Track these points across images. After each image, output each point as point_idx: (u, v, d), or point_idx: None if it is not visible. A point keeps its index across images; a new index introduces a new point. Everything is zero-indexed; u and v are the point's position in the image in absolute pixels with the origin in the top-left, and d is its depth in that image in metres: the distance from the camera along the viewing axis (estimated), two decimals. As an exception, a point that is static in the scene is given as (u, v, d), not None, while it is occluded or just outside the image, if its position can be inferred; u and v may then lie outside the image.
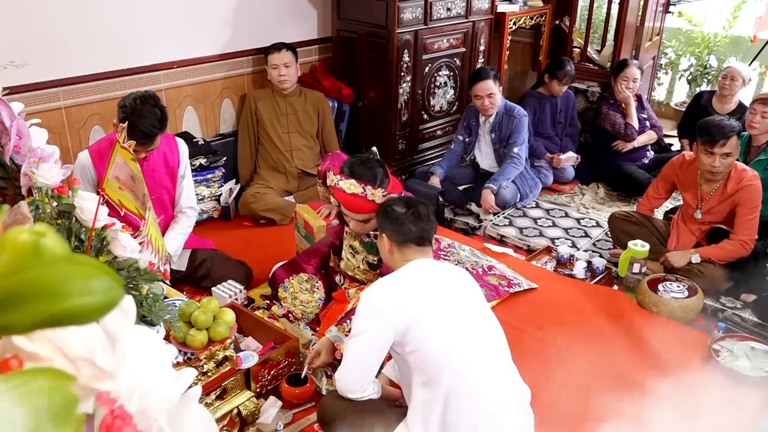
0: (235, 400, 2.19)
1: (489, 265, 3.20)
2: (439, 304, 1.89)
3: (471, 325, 1.91)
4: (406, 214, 2.02)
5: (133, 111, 2.54)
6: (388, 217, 2.05)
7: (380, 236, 2.09)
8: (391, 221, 2.03)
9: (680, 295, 2.91)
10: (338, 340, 2.30)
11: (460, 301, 1.94)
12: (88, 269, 0.40)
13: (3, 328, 0.39)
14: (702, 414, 2.28)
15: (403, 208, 2.05)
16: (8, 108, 1.55)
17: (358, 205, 2.40)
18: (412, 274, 1.96)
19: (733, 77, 4.17)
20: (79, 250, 1.46)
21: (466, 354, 1.84)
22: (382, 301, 1.87)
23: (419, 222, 2.01)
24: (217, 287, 2.85)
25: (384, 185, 2.40)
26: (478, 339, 1.89)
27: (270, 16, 3.98)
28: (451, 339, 1.84)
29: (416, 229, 2.00)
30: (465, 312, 1.92)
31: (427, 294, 1.90)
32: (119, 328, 0.50)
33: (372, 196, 2.36)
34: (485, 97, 3.84)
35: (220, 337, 2.07)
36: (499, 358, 1.92)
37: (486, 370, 1.86)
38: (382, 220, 2.07)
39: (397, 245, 2.03)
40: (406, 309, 1.84)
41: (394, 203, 2.10)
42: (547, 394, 2.31)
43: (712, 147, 2.94)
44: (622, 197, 4.24)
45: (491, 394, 1.84)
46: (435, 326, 1.84)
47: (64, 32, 3.14)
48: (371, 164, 2.42)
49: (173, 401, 0.52)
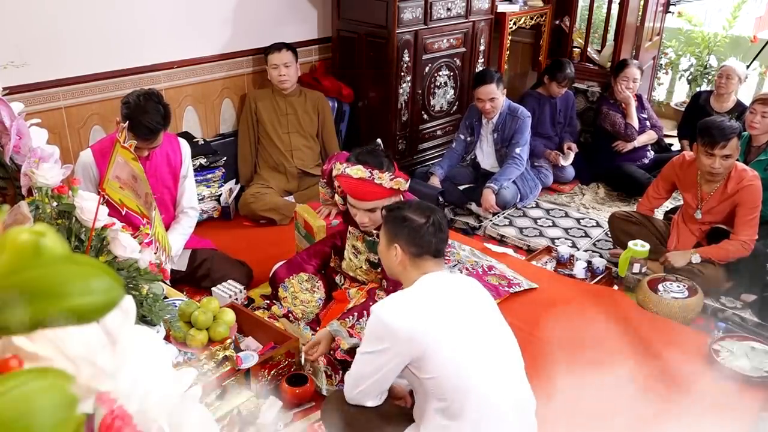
0: (235, 400, 2.19)
1: (489, 265, 3.20)
2: (458, 327, 1.76)
3: (491, 347, 1.79)
4: (425, 225, 1.84)
5: (136, 107, 2.54)
6: (404, 226, 1.86)
7: (390, 246, 1.89)
8: (409, 232, 1.85)
9: (680, 295, 2.91)
10: (338, 334, 2.28)
11: (478, 320, 1.82)
12: (88, 269, 0.40)
13: (3, 328, 0.39)
14: (702, 414, 2.29)
15: (422, 217, 1.86)
16: (8, 108, 1.55)
17: (365, 191, 2.36)
18: (429, 293, 1.80)
19: (728, 75, 4.18)
20: (79, 250, 1.46)
21: (491, 382, 1.74)
22: (396, 323, 1.71)
23: (439, 233, 1.86)
24: (217, 287, 2.85)
25: (390, 171, 2.39)
26: (498, 361, 1.79)
27: (270, 16, 3.98)
28: (473, 367, 1.73)
29: (436, 240, 1.85)
30: (484, 333, 1.80)
31: (445, 316, 1.76)
32: (119, 328, 0.50)
33: (379, 180, 2.34)
34: (487, 101, 3.84)
35: (220, 337, 2.07)
36: (517, 376, 1.84)
37: (508, 393, 1.78)
38: (397, 230, 1.87)
39: (412, 257, 1.85)
40: (423, 334, 1.70)
41: (409, 211, 1.89)
42: (547, 394, 2.31)
43: (713, 148, 2.94)
44: (622, 197, 4.24)
45: (513, 416, 1.77)
46: (455, 353, 1.72)
47: (64, 32, 3.14)
48: (377, 153, 2.43)
49: (173, 401, 0.52)
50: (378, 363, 1.77)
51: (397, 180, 2.36)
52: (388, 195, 2.38)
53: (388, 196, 2.38)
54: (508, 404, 1.76)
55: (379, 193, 2.36)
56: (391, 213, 1.94)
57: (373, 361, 1.78)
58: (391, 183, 2.35)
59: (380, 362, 1.77)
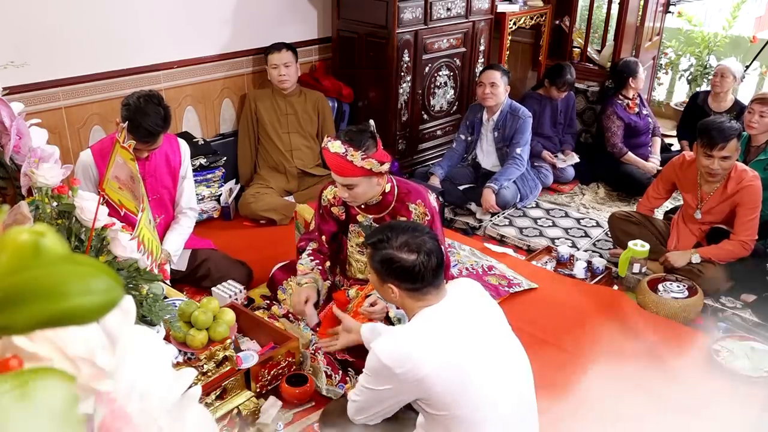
0: (235, 400, 2.20)
1: (489, 265, 3.20)
2: (465, 360, 1.66)
3: (502, 372, 1.71)
4: (416, 262, 1.72)
5: (137, 109, 2.54)
6: (394, 268, 1.74)
7: (384, 285, 1.80)
8: (401, 272, 1.73)
9: (680, 295, 2.91)
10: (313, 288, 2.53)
11: (485, 345, 1.71)
12: (88, 269, 0.40)
13: (3, 328, 0.39)
14: (702, 414, 2.29)
15: (410, 254, 1.73)
16: (8, 108, 1.55)
17: (337, 166, 2.36)
18: (430, 328, 1.70)
19: (723, 74, 4.19)
20: (79, 250, 1.46)
21: (504, 411, 1.68)
22: (399, 368, 1.62)
23: (432, 263, 1.73)
24: (217, 287, 2.85)
25: (367, 152, 2.36)
26: (511, 388, 1.72)
27: (270, 16, 3.98)
28: (485, 398, 1.65)
29: (431, 273, 1.73)
30: (493, 357, 1.71)
31: (450, 351, 1.65)
32: (119, 328, 0.50)
33: (351, 157, 2.32)
34: (487, 84, 3.84)
35: (220, 337, 2.07)
36: (528, 399, 1.78)
37: (522, 421, 1.74)
38: (387, 272, 1.76)
39: (410, 293, 1.75)
40: (428, 376, 1.61)
41: (395, 250, 1.75)
42: (546, 394, 2.31)
43: (711, 149, 2.94)
44: (622, 197, 4.24)
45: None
46: (466, 389, 1.64)
47: (64, 32, 3.14)
48: (362, 132, 2.40)
49: (173, 401, 0.52)
50: (381, 398, 1.73)
51: (370, 161, 2.34)
52: (362, 174, 2.36)
53: (362, 175, 2.36)
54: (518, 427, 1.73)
55: (351, 171, 2.35)
56: (376, 252, 1.79)
57: (376, 397, 1.73)
58: (363, 163, 2.33)
59: (384, 398, 1.72)
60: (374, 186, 2.44)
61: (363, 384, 1.76)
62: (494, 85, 3.82)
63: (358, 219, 2.60)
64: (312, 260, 2.68)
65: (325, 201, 2.66)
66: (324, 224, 2.70)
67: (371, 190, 2.45)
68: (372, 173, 2.37)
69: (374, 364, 1.67)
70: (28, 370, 0.41)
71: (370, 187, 2.43)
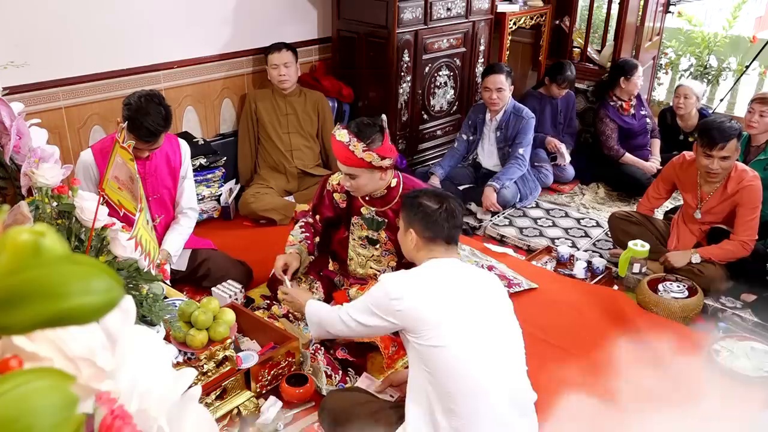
0: (235, 400, 2.20)
1: (489, 265, 3.20)
2: (461, 309, 1.82)
3: (492, 334, 1.83)
4: (438, 210, 1.93)
5: (138, 109, 2.54)
6: (418, 211, 1.94)
7: (407, 231, 1.98)
8: (422, 216, 1.93)
9: (680, 295, 2.91)
10: None
11: (483, 307, 1.86)
12: (88, 269, 0.40)
13: (3, 328, 0.39)
14: (702, 414, 2.28)
15: (435, 203, 1.95)
16: (8, 108, 1.55)
17: (341, 153, 2.40)
18: (435, 274, 1.88)
19: (686, 95, 4.14)
20: (79, 250, 1.46)
21: (487, 369, 1.78)
22: (400, 302, 1.81)
23: (452, 219, 1.93)
24: (217, 287, 2.85)
25: (372, 145, 2.38)
26: (497, 349, 1.82)
27: (270, 16, 3.98)
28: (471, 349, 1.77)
29: (448, 226, 1.92)
30: (487, 320, 1.84)
31: (449, 297, 1.83)
32: (119, 328, 0.50)
33: (353, 148, 2.35)
34: (494, 90, 3.85)
35: (220, 337, 2.07)
36: (516, 367, 1.87)
37: (504, 382, 1.80)
38: (412, 215, 1.96)
39: (425, 242, 1.94)
40: (424, 310, 1.79)
41: (424, 197, 1.98)
42: (547, 394, 2.31)
43: (711, 150, 2.93)
44: (622, 197, 4.24)
45: (509, 407, 1.80)
46: (456, 333, 1.77)
47: (64, 32, 3.14)
48: (372, 126, 2.43)
49: (173, 401, 0.52)
50: (374, 322, 1.90)
51: (370, 153, 2.36)
52: (362, 165, 2.39)
53: (364, 167, 2.39)
54: (503, 393, 1.79)
55: (352, 161, 2.38)
56: (407, 199, 2.03)
57: (369, 319, 1.91)
58: (363, 155, 2.35)
59: (376, 322, 1.90)
60: (377, 180, 2.46)
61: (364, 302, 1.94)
62: (501, 90, 3.84)
63: (361, 211, 2.62)
64: (302, 232, 2.74)
65: (330, 186, 2.72)
66: (321, 206, 2.76)
67: (373, 183, 2.47)
68: (372, 166, 2.39)
69: (378, 293, 1.88)
70: (28, 370, 0.41)
71: (371, 180, 2.45)
